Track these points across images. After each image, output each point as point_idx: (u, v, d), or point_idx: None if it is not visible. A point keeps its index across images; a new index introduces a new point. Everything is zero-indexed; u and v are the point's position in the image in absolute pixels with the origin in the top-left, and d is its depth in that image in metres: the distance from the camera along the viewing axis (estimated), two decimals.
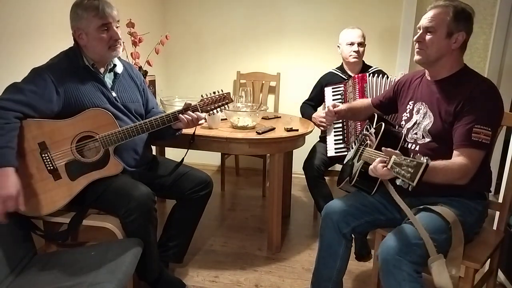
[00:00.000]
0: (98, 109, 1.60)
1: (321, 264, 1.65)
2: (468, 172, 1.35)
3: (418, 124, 1.53)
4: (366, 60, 2.52)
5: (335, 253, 1.60)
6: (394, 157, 1.21)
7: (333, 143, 2.29)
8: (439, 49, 1.44)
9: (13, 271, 1.36)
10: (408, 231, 1.33)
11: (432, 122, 1.48)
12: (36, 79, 1.52)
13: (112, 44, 1.62)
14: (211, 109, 1.75)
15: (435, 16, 1.44)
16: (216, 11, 3.39)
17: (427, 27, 1.46)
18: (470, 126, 1.36)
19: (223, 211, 2.89)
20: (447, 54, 1.45)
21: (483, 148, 1.36)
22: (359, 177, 1.48)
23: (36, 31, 2.04)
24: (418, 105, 1.56)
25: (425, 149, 1.50)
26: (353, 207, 1.58)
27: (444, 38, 1.43)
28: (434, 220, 1.37)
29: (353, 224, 1.57)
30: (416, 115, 1.55)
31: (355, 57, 2.39)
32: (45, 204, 1.52)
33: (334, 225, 1.58)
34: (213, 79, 3.51)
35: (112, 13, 1.60)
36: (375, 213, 1.58)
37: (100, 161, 1.60)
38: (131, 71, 1.85)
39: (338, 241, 1.59)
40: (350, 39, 2.39)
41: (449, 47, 1.44)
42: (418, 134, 1.53)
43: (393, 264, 1.28)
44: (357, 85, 2.17)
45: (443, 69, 1.49)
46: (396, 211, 1.57)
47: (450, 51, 1.45)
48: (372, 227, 1.63)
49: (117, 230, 1.56)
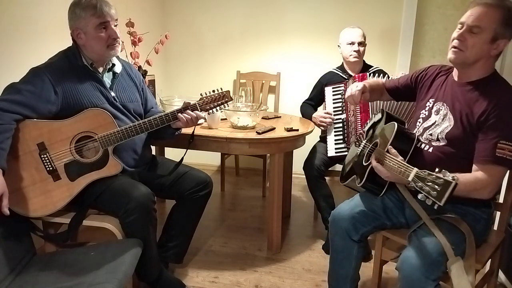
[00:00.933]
0: (96, 109, 1.59)
1: (336, 265, 1.65)
2: (487, 188, 1.30)
3: (436, 125, 1.46)
4: (367, 59, 2.52)
5: (349, 255, 1.60)
6: (417, 170, 1.16)
7: (334, 143, 2.29)
8: (479, 53, 1.33)
9: (12, 271, 1.36)
10: (430, 247, 1.28)
11: (452, 126, 1.41)
12: (34, 79, 1.51)
13: (110, 43, 1.62)
14: (211, 108, 1.74)
15: (484, 16, 1.29)
16: (216, 10, 3.39)
17: (472, 26, 1.31)
18: (495, 142, 1.29)
19: (223, 212, 2.88)
20: (484, 59, 1.36)
21: (506, 165, 1.30)
22: (368, 178, 1.46)
23: (36, 31, 2.03)
24: (438, 104, 1.48)
25: (438, 152, 1.44)
26: (361, 214, 1.55)
27: (488, 43, 1.31)
28: (452, 232, 1.34)
29: (361, 230, 1.56)
30: (435, 116, 1.47)
31: (356, 57, 2.39)
32: (45, 205, 1.52)
33: (343, 231, 1.57)
34: (213, 78, 3.50)
35: (110, 11, 1.60)
36: (382, 219, 1.57)
37: (99, 161, 1.60)
38: (130, 71, 1.85)
39: (350, 246, 1.59)
40: (350, 39, 2.39)
41: (488, 52, 1.33)
42: (433, 136, 1.46)
43: (418, 285, 1.25)
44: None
45: (475, 73, 1.40)
46: (401, 215, 1.57)
47: (488, 56, 1.35)
48: (377, 230, 1.62)
49: (116, 230, 1.55)
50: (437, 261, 1.26)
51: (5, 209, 1.35)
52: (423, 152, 1.48)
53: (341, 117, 2.29)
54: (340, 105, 2.30)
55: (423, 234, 1.34)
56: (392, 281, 2.00)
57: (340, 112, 2.30)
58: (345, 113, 2.27)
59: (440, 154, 1.44)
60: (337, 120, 2.30)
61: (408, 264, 1.28)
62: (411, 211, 1.50)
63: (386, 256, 1.63)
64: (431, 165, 1.35)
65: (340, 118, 2.29)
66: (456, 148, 1.41)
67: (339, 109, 2.30)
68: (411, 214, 1.51)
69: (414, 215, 1.47)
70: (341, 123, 2.29)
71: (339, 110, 2.30)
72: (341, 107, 2.29)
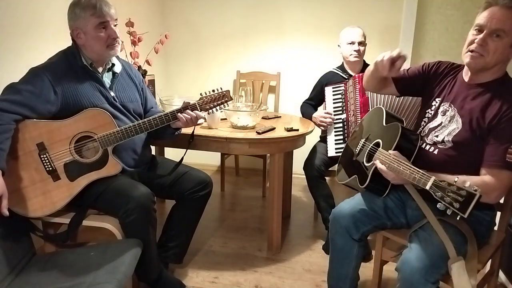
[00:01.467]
0: (96, 109, 1.59)
1: (336, 264, 1.65)
2: (494, 192, 1.28)
3: (442, 126, 1.42)
4: (367, 58, 2.51)
5: (349, 254, 1.60)
6: (434, 179, 1.14)
7: (334, 143, 2.29)
8: (499, 58, 1.28)
9: (12, 271, 1.35)
10: (431, 249, 1.28)
11: (460, 129, 1.37)
12: (34, 79, 1.51)
13: (110, 43, 1.62)
14: (211, 107, 1.74)
15: (507, 18, 1.22)
16: (216, 10, 3.39)
17: (495, 29, 1.24)
18: (506, 146, 1.27)
19: (223, 212, 2.88)
20: (501, 63, 1.31)
21: None
22: (371, 179, 1.46)
23: (35, 31, 2.03)
24: (445, 105, 1.44)
25: (443, 154, 1.41)
26: (362, 213, 1.55)
27: (510, 46, 1.26)
28: (454, 234, 1.33)
29: (362, 229, 1.56)
30: (442, 117, 1.43)
31: (356, 56, 2.39)
32: (45, 205, 1.52)
33: (344, 230, 1.56)
34: (213, 78, 3.50)
35: (110, 11, 1.60)
36: (382, 218, 1.56)
37: (99, 161, 1.60)
38: (130, 71, 1.85)
39: (350, 245, 1.59)
40: (350, 38, 2.39)
41: (508, 56, 1.28)
42: (439, 138, 1.42)
43: (417, 287, 1.25)
44: (358, 84, 2.16)
45: (488, 75, 1.35)
46: (402, 216, 1.56)
47: (506, 60, 1.30)
48: (377, 230, 1.61)
49: (116, 230, 1.55)
50: (437, 264, 1.26)
51: (4, 210, 1.35)
52: (427, 153, 1.45)
53: (341, 117, 2.28)
54: (340, 105, 2.30)
55: (424, 235, 1.34)
56: (392, 281, 2.00)
57: (340, 112, 2.29)
58: (345, 113, 2.26)
59: (445, 156, 1.40)
60: (337, 120, 2.30)
61: (408, 266, 1.27)
62: (413, 211, 1.50)
63: (386, 256, 1.63)
64: (436, 167, 1.34)
65: (340, 118, 2.28)
66: (462, 151, 1.37)
67: (339, 109, 2.30)
68: (413, 215, 1.50)
69: (416, 215, 1.47)
70: (341, 123, 2.29)
71: (339, 110, 2.30)
72: (341, 107, 2.29)
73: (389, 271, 1.99)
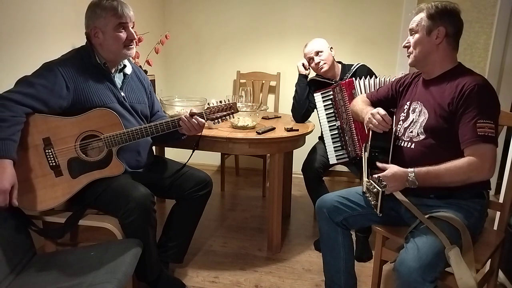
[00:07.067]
0: (104, 109, 1.60)
1: (327, 256, 1.70)
2: (483, 168, 1.33)
3: (414, 122, 1.54)
4: (367, 60, 2.50)
5: (335, 242, 1.65)
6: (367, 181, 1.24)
7: (333, 150, 2.26)
8: (423, 48, 1.49)
9: (12, 271, 1.36)
10: (426, 248, 1.29)
11: (427, 118, 1.49)
12: (47, 74, 1.52)
13: (127, 44, 1.65)
14: (217, 117, 1.75)
15: (415, 19, 1.52)
16: (216, 10, 3.39)
17: (410, 29, 1.54)
18: (473, 122, 1.35)
19: (223, 211, 2.88)
20: (434, 51, 1.49)
21: (491, 142, 1.34)
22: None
23: (35, 31, 2.03)
24: (414, 104, 1.58)
25: (420, 146, 1.50)
26: (344, 199, 1.63)
27: (425, 36, 1.48)
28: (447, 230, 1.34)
29: (344, 214, 1.61)
30: (412, 114, 1.56)
31: (322, 67, 2.33)
32: (44, 200, 1.52)
33: (326, 215, 1.63)
34: (213, 78, 3.50)
35: (129, 13, 1.64)
36: (369, 209, 1.56)
37: (102, 161, 1.60)
38: (140, 74, 1.89)
39: (334, 230, 1.65)
40: (308, 55, 2.36)
41: (432, 43, 1.48)
42: (414, 132, 1.53)
43: (415, 286, 1.25)
44: (345, 92, 2.13)
45: (435, 67, 1.52)
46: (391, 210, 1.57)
47: (435, 47, 1.48)
48: (367, 221, 1.65)
49: (116, 230, 1.55)
50: (434, 262, 1.27)
51: (14, 201, 1.35)
52: (406, 150, 1.54)
53: (335, 124, 2.24)
54: (332, 112, 2.24)
55: (419, 235, 1.35)
56: (392, 281, 2.00)
57: (333, 119, 2.24)
58: (339, 120, 2.22)
59: (422, 148, 1.49)
60: (331, 127, 2.25)
61: (405, 266, 1.28)
62: (406, 212, 1.51)
63: (386, 256, 1.63)
64: (417, 160, 1.44)
65: (335, 125, 2.24)
66: (436, 139, 1.47)
67: (332, 116, 2.25)
68: (408, 215, 1.51)
69: (410, 215, 1.48)
70: (336, 130, 2.24)
71: (332, 117, 2.25)
72: (334, 113, 2.24)
73: (389, 271, 2.00)
